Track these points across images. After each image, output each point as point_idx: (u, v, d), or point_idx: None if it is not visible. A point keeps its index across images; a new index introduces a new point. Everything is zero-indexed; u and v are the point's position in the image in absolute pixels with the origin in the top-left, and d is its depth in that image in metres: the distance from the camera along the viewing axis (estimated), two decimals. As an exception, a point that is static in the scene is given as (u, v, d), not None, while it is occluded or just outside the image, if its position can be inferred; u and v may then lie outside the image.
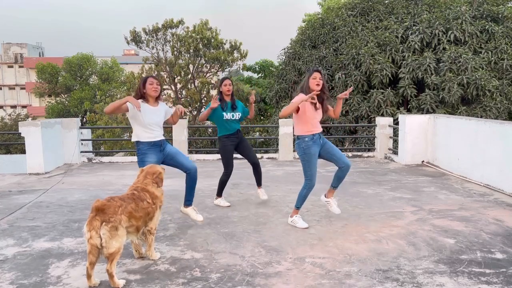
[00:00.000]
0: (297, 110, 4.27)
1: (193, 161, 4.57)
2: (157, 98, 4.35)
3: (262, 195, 5.51)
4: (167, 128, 9.91)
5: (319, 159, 4.47)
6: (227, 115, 5.16)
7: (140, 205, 3.38)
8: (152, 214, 3.53)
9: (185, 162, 4.41)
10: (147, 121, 4.20)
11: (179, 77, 18.74)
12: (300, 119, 4.36)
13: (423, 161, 8.34)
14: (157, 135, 4.30)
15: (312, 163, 4.38)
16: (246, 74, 28.49)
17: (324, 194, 4.82)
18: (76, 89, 33.86)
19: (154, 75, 4.61)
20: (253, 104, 5.34)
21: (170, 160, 4.38)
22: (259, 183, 5.53)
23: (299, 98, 4.21)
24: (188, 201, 4.60)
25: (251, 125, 16.20)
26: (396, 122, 9.94)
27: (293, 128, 4.58)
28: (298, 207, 4.56)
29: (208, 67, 18.87)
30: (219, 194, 5.43)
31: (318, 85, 4.30)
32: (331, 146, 4.51)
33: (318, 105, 4.39)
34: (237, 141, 5.30)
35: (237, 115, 5.24)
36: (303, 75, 14.58)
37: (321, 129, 4.48)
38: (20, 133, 7.79)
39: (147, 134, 4.24)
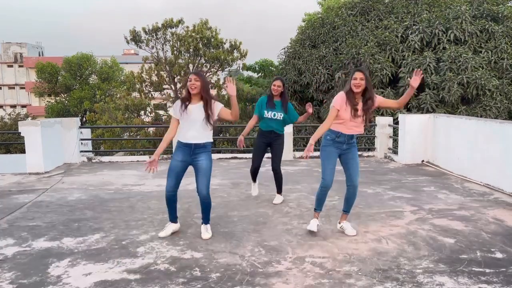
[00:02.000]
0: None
1: (209, 188, 4.14)
2: (202, 96, 4.00)
3: (275, 199, 5.53)
4: (167, 128, 9.87)
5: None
6: (268, 113, 5.23)
7: None
8: None
9: (199, 184, 4.06)
10: (182, 119, 4.04)
11: (179, 77, 18.73)
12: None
13: (423, 161, 8.34)
14: (190, 136, 4.01)
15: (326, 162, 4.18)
16: (246, 73, 28.47)
17: (338, 221, 4.48)
18: (76, 88, 33.83)
19: (198, 71, 4.10)
20: (309, 113, 5.28)
21: (195, 171, 4.12)
22: (278, 190, 5.57)
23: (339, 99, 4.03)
24: (202, 219, 4.30)
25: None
26: (396, 122, 9.94)
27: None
28: (315, 209, 4.34)
29: (208, 67, 18.85)
30: (253, 180, 5.63)
31: (358, 86, 3.94)
32: (350, 158, 4.19)
33: (359, 111, 4.03)
34: (270, 140, 5.32)
35: (279, 115, 5.22)
36: (303, 74, 14.60)
37: (353, 132, 4.12)
38: (20, 133, 7.78)
39: (181, 132, 4.06)
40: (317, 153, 5.17)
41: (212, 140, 4.14)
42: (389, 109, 4.10)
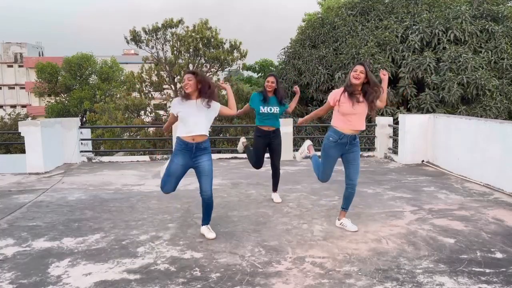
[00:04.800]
0: (336, 103, 4.11)
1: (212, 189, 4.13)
2: (200, 94, 3.96)
3: (276, 198, 5.57)
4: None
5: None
6: (264, 109, 5.19)
7: None
8: None
9: (204, 185, 4.04)
10: (181, 113, 4.01)
11: (179, 77, 18.74)
12: (335, 112, 4.20)
13: (423, 161, 8.34)
14: (189, 130, 3.98)
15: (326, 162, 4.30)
16: (246, 73, 28.48)
17: (337, 218, 4.54)
18: (76, 88, 33.80)
19: (192, 69, 4.18)
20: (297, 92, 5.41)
21: (197, 173, 4.11)
22: (274, 188, 5.62)
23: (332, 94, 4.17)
24: (203, 221, 4.26)
25: (251, 124, 16.18)
26: (396, 122, 9.94)
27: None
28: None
29: (208, 67, 18.84)
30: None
31: (356, 78, 4.00)
32: (351, 159, 4.25)
33: (361, 98, 4.06)
34: (269, 140, 5.31)
35: (275, 109, 5.20)
36: (303, 74, 14.60)
37: (357, 130, 4.18)
38: (20, 133, 7.78)
39: (180, 127, 4.03)
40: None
41: (209, 136, 4.11)
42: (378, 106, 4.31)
